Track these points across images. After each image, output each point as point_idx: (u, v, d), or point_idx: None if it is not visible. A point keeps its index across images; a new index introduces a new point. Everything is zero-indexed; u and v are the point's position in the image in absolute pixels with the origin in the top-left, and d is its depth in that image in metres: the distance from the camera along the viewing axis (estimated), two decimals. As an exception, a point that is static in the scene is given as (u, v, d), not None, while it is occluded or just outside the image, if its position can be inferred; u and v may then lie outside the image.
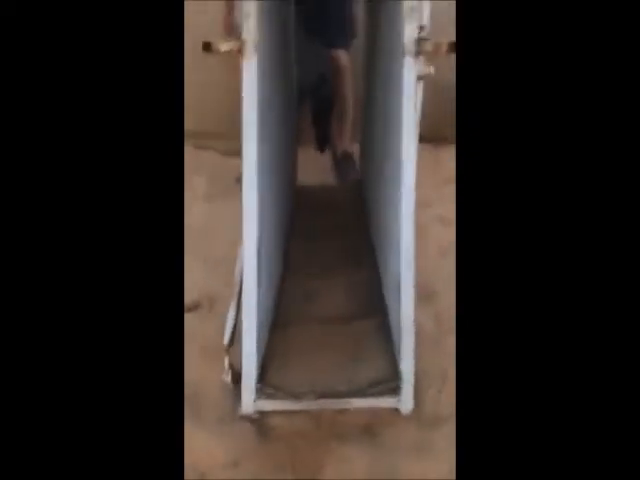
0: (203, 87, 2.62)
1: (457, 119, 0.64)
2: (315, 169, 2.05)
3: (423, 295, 1.41)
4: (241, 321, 1.00)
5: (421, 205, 1.90)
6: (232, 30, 1.00)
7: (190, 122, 2.69)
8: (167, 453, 0.51)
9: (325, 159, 1.93)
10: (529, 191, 0.54)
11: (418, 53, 0.93)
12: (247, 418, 0.99)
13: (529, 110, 0.55)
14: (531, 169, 0.55)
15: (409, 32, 0.90)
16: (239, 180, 2.28)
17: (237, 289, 1.05)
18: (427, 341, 1.20)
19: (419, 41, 0.91)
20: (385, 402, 1.00)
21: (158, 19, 0.54)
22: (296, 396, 0.99)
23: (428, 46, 0.90)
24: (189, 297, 1.37)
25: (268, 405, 1.00)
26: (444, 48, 0.87)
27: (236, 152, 2.56)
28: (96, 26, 0.51)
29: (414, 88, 0.94)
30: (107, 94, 0.52)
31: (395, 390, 1.00)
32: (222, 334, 1.05)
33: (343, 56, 1.95)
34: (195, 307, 1.34)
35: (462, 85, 0.60)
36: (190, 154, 2.55)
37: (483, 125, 0.57)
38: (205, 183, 2.22)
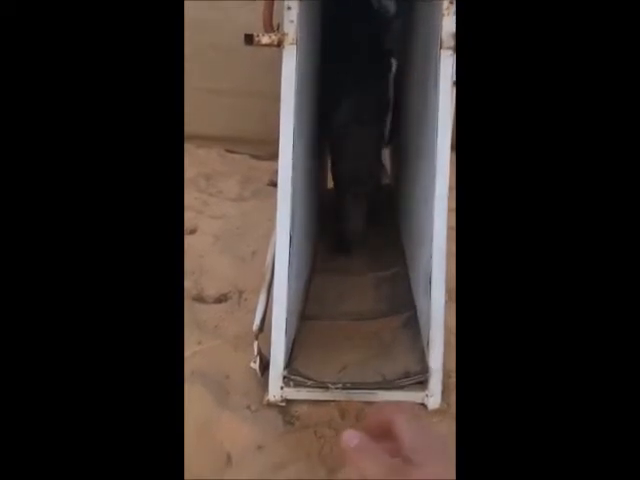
0: (237, 94, 2.70)
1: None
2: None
3: (452, 297, 1.40)
4: (271, 308, 1.01)
5: (453, 210, 1.90)
6: (272, 28, 1.04)
7: (223, 127, 2.78)
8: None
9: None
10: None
11: (455, 48, 0.94)
12: (274, 405, 1.00)
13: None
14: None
15: (447, 26, 0.91)
16: (271, 184, 2.30)
17: (268, 276, 1.06)
18: (455, 342, 1.19)
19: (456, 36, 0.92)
20: (413, 396, 1.00)
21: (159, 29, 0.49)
22: (323, 386, 1.00)
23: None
24: (219, 289, 1.40)
25: (295, 394, 1.01)
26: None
27: (267, 157, 2.60)
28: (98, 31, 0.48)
29: (451, 82, 0.95)
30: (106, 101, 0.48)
31: (423, 384, 0.99)
32: (251, 324, 1.06)
33: None
34: (225, 299, 1.36)
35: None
36: (222, 157, 2.62)
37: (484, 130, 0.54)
38: (236, 185, 2.27)
